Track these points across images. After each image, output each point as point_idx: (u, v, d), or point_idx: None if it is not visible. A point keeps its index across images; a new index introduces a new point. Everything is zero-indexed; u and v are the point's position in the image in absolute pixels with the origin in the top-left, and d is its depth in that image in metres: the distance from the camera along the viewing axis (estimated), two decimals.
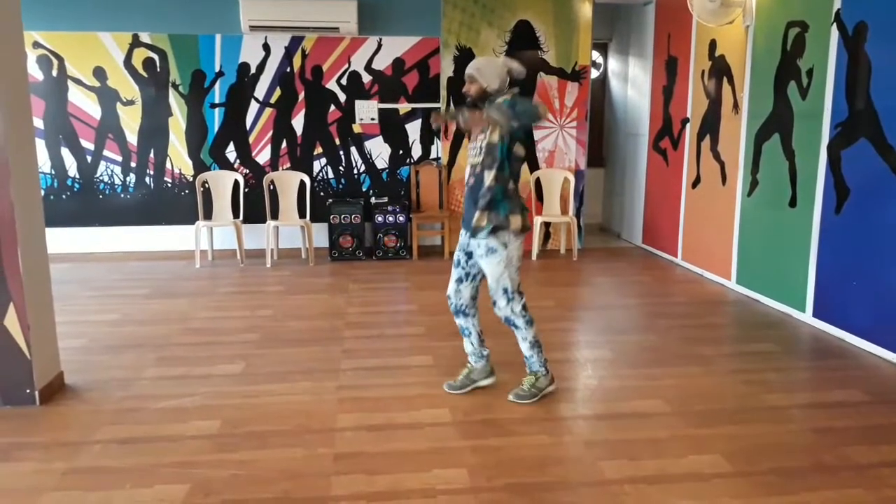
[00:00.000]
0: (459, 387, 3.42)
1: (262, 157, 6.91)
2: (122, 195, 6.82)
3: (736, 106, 5.43)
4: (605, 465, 2.72)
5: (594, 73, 8.05)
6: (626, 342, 4.29)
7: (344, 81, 6.86)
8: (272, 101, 6.82)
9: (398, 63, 6.87)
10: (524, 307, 3.26)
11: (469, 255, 3.30)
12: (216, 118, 6.80)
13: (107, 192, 6.80)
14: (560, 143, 7.08)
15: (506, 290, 3.22)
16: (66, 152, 6.67)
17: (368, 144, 7.02)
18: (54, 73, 6.54)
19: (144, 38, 6.59)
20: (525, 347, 3.32)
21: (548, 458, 2.80)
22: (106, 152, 6.73)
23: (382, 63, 6.86)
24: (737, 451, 2.82)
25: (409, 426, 3.07)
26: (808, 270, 4.58)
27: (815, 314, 4.53)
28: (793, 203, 4.74)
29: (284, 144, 6.92)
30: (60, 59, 6.53)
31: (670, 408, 3.26)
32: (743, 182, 5.36)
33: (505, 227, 3.15)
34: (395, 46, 6.84)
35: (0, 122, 3.03)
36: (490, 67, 3.21)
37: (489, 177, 3.13)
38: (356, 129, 6.97)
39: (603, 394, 3.46)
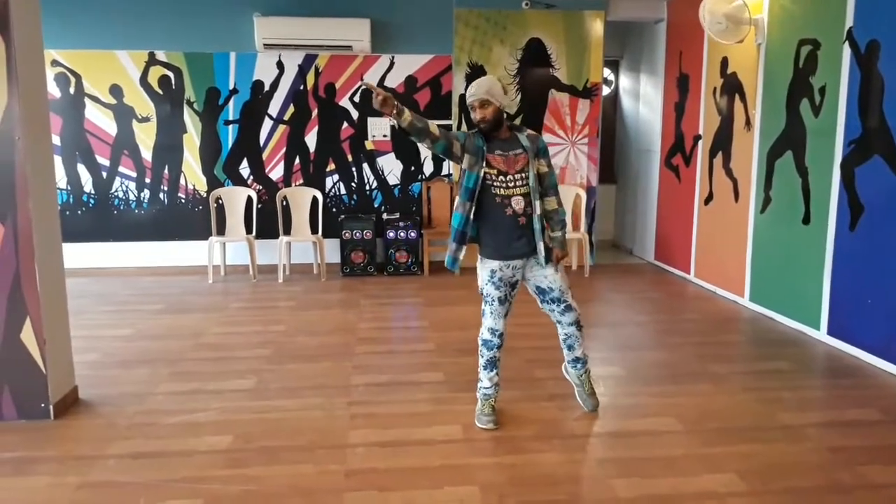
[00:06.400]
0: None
1: (276, 173, 6.96)
2: (137, 211, 6.88)
3: (748, 123, 5.43)
4: (618, 484, 2.70)
5: (605, 90, 8.07)
6: (639, 359, 4.27)
7: (357, 99, 6.91)
8: (286, 118, 6.88)
9: (410, 80, 6.92)
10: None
11: (514, 285, 3.24)
12: (230, 135, 6.87)
13: (121, 207, 6.87)
14: (571, 160, 7.10)
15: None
16: (82, 168, 6.75)
17: (380, 161, 7.06)
18: (72, 90, 6.64)
19: (160, 56, 6.68)
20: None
21: (560, 475, 2.79)
22: (121, 168, 6.81)
23: (395, 80, 6.91)
24: (751, 470, 2.80)
25: (420, 443, 3.07)
26: (822, 288, 4.54)
27: (830, 332, 4.49)
28: (806, 220, 4.72)
29: (297, 161, 6.97)
30: (78, 77, 6.63)
31: (684, 426, 3.24)
32: (756, 199, 5.34)
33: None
34: (408, 64, 6.89)
35: (20, 138, 3.08)
36: (496, 87, 3.12)
37: (540, 202, 3.18)
38: (368, 145, 7.02)
39: (616, 411, 3.44)
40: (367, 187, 7.10)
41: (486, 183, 3.12)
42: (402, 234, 6.74)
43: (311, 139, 6.94)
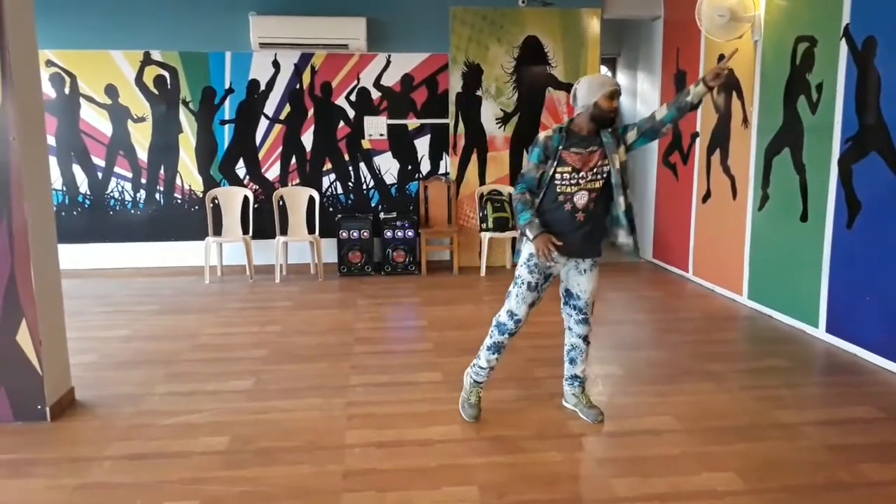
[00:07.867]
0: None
1: (272, 173, 6.95)
2: (133, 211, 6.87)
3: (745, 120, 5.42)
4: (617, 483, 2.70)
5: None
6: (637, 358, 4.26)
7: (353, 98, 6.90)
8: (282, 117, 6.87)
9: (407, 79, 6.91)
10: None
11: (548, 277, 3.17)
12: (226, 134, 6.85)
13: (117, 208, 6.85)
14: None
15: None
16: (77, 169, 6.73)
17: (377, 160, 7.04)
18: (66, 90, 6.62)
19: (155, 55, 6.66)
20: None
21: (559, 475, 2.78)
22: (117, 169, 6.79)
23: (391, 79, 6.90)
24: (750, 468, 2.80)
25: (418, 443, 3.06)
26: (820, 285, 4.54)
27: (828, 329, 4.49)
28: (804, 217, 4.72)
29: (294, 160, 6.96)
30: (73, 77, 6.60)
31: (682, 424, 3.23)
32: (753, 196, 5.34)
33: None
34: (404, 63, 6.88)
35: (15, 139, 3.07)
36: None
37: (624, 197, 3.08)
38: (365, 144, 7.00)
39: (614, 410, 3.43)
40: (364, 187, 7.08)
41: (553, 181, 3.07)
42: (399, 234, 6.73)
43: (307, 138, 6.93)
